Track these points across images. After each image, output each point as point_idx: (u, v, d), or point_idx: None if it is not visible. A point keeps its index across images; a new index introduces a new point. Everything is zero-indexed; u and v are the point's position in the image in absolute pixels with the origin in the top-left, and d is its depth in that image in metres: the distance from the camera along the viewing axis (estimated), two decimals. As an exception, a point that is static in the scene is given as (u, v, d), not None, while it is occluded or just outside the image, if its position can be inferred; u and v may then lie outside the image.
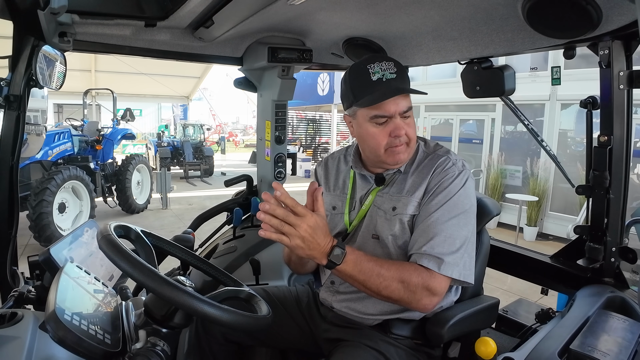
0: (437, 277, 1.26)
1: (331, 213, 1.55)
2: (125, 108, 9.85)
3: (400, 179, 1.45)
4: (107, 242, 1.00)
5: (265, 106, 2.47)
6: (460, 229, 1.31)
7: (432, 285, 1.26)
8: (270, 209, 1.13)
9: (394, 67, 1.35)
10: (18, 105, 1.56)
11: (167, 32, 1.82)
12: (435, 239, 1.28)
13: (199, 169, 14.70)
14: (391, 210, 1.40)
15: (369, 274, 1.23)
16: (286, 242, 1.15)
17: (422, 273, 1.26)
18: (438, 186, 1.35)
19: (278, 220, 1.13)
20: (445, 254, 1.27)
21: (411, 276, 1.25)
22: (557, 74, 1.95)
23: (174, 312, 1.06)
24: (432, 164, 1.40)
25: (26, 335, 1.05)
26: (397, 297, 1.26)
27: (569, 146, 8.25)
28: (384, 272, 1.24)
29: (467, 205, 1.35)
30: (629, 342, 1.16)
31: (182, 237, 1.92)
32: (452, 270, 1.27)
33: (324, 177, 1.64)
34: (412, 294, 1.25)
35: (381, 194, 1.45)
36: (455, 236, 1.29)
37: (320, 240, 1.17)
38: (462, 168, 1.39)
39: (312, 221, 1.15)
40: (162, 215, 9.12)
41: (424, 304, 1.28)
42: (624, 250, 1.57)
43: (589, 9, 1.20)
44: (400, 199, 1.40)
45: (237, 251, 2.20)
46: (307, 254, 1.18)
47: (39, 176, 6.68)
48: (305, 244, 1.15)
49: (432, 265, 1.26)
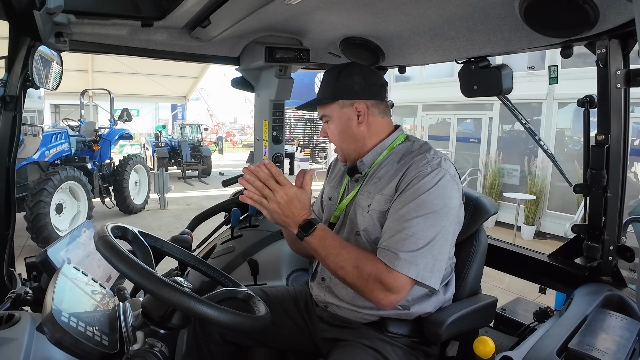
0: (392, 272, 1.23)
1: (328, 203, 1.63)
2: (122, 108, 9.82)
3: (378, 175, 1.46)
4: (104, 243, 0.99)
5: (262, 106, 2.47)
6: (427, 228, 1.27)
7: (385, 279, 1.23)
8: (254, 170, 1.28)
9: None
10: (14, 105, 1.55)
11: (163, 32, 1.81)
12: (397, 235, 1.27)
13: (196, 169, 14.68)
14: (366, 207, 1.42)
15: (330, 251, 1.28)
16: (265, 205, 1.28)
17: (378, 265, 1.25)
18: (409, 183, 1.33)
19: (261, 183, 1.28)
20: (402, 250, 1.24)
21: (367, 264, 1.25)
22: (554, 73, 1.97)
23: (172, 313, 1.06)
24: (409, 161, 1.39)
25: (23, 337, 1.04)
26: (350, 281, 1.28)
27: (566, 145, 8.28)
28: (343, 253, 1.27)
29: (438, 205, 1.29)
30: (627, 340, 1.17)
31: (180, 238, 1.92)
32: (409, 269, 1.23)
33: (332, 171, 1.74)
34: (365, 282, 1.25)
35: (362, 191, 1.47)
36: (418, 235, 1.25)
37: (295, 209, 1.29)
38: (437, 166, 1.34)
39: (292, 191, 1.29)
40: (160, 216, 9.11)
41: (377, 297, 1.25)
42: (622, 249, 1.57)
43: (586, 8, 1.20)
44: (374, 196, 1.41)
45: (235, 251, 2.19)
46: (282, 220, 1.30)
47: (36, 177, 6.68)
48: (281, 210, 1.28)
49: (387, 259, 1.25)
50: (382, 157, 1.48)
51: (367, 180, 1.48)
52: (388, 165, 1.46)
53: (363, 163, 1.49)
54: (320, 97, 1.52)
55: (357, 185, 1.50)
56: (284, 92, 2.32)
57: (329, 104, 1.50)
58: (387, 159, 1.47)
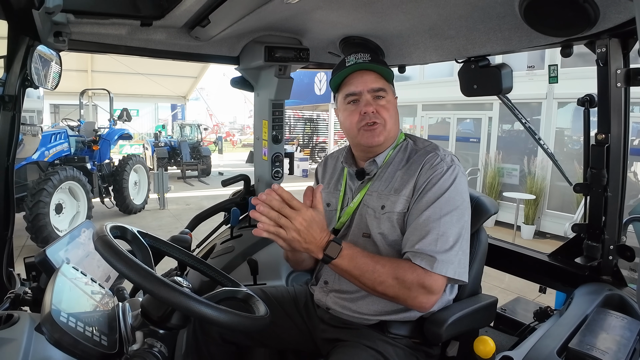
0: (432, 275, 1.26)
1: (326, 210, 1.57)
2: (122, 108, 9.82)
3: (387, 175, 1.46)
4: (103, 243, 0.99)
5: (262, 106, 2.47)
6: (453, 225, 1.31)
7: (427, 283, 1.25)
8: (267, 200, 1.16)
9: (369, 56, 1.44)
10: (13, 105, 1.55)
11: (163, 31, 1.81)
12: (428, 237, 1.28)
13: (196, 169, 14.69)
14: (380, 209, 1.41)
15: (364, 269, 1.25)
16: (283, 235, 1.17)
17: (417, 270, 1.26)
18: (427, 183, 1.35)
19: (275, 213, 1.16)
20: (438, 252, 1.26)
21: (406, 273, 1.25)
22: (554, 72, 1.97)
23: (171, 313, 1.05)
24: (420, 160, 1.41)
25: (22, 337, 1.04)
26: (392, 293, 1.26)
27: (566, 144, 8.28)
28: (379, 268, 1.25)
29: (459, 201, 1.34)
30: (628, 340, 1.16)
31: (179, 238, 1.91)
32: (447, 269, 1.26)
33: (322, 175, 1.70)
34: (408, 291, 1.25)
35: (370, 192, 1.47)
36: (448, 234, 1.29)
37: (316, 233, 1.20)
38: (451, 163, 1.39)
39: (308, 215, 1.18)
40: (159, 216, 9.11)
41: (421, 302, 1.28)
42: (622, 248, 1.57)
43: (586, 6, 1.19)
44: (388, 197, 1.41)
45: (234, 251, 2.19)
46: (304, 247, 1.20)
47: (35, 177, 6.67)
48: (302, 237, 1.18)
49: (425, 264, 1.26)
50: (389, 156, 1.49)
51: (374, 180, 1.48)
52: (395, 164, 1.46)
53: (375, 163, 1.48)
54: (384, 70, 1.46)
55: (364, 187, 1.49)
56: (283, 92, 2.32)
57: (388, 82, 1.47)
58: (393, 158, 1.49)
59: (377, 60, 1.46)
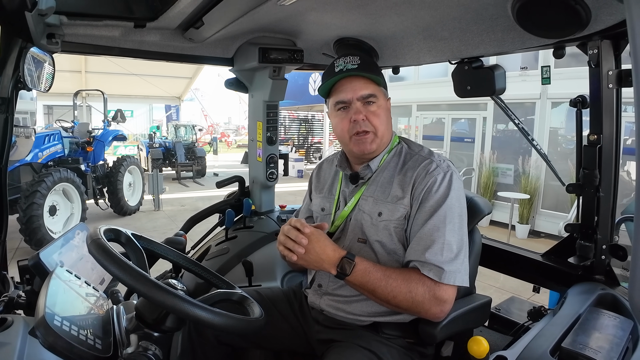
0: (441, 286, 1.28)
1: (320, 215, 1.60)
2: (116, 109, 9.78)
3: (383, 180, 1.46)
4: (96, 246, 0.99)
5: (256, 107, 2.47)
6: (455, 233, 1.33)
7: (438, 294, 1.28)
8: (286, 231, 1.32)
9: (358, 60, 1.42)
10: (6, 107, 1.54)
11: (156, 33, 1.80)
12: (434, 246, 1.30)
13: (191, 170, 14.64)
14: (377, 216, 1.42)
15: (377, 284, 1.29)
16: (303, 257, 1.30)
17: (427, 282, 1.29)
18: (425, 190, 1.37)
19: (292, 242, 1.30)
20: (444, 262, 1.28)
21: (417, 286, 1.28)
22: (547, 73, 1.97)
23: (166, 316, 1.05)
24: (416, 165, 1.42)
25: (16, 341, 1.03)
26: (405, 306, 1.29)
27: (560, 144, 8.33)
28: (391, 282, 1.28)
29: (459, 208, 1.36)
30: (620, 339, 1.17)
31: (174, 240, 1.90)
32: (455, 278, 1.29)
33: (316, 180, 1.71)
34: (421, 304, 1.28)
35: (365, 196, 1.47)
36: (452, 242, 1.31)
37: (329, 250, 1.30)
38: (447, 169, 1.40)
39: (317, 233, 1.31)
40: (154, 217, 9.07)
41: (434, 313, 1.30)
42: (614, 248, 1.58)
43: (578, 8, 1.21)
44: (386, 205, 1.42)
45: (229, 253, 2.19)
46: (321, 266, 1.31)
47: (29, 179, 6.62)
48: (317, 254, 1.30)
49: (433, 274, 1.28)
50: (384, 160, 1.50)
51: (369, 185, 1.48)
52: (391, 169, 1.47)
53: (369, 167, 1.49)
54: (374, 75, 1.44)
55: (359, 191, 1.50)
56: (277, 93, 2.32)
57: (378, 86, 1.46)
58: (388, 162, 1.49)
59: (367, 64, 1.44)
